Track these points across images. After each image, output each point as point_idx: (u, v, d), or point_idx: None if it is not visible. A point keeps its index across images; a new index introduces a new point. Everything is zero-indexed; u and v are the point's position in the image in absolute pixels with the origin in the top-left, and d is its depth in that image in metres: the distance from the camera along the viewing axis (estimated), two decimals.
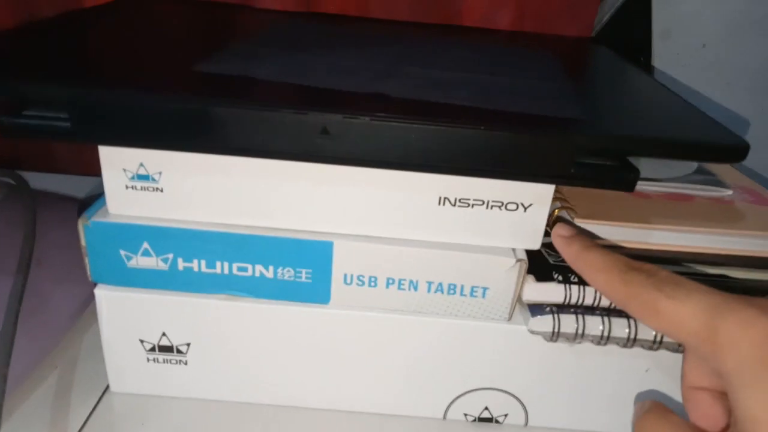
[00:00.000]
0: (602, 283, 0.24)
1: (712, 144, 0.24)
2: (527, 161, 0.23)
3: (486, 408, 0.30)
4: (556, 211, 0.29)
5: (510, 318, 0.28)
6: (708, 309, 0.20)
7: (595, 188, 0.24)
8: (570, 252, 0.26)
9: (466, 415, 0.31)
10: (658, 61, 0.54)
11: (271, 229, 0.27)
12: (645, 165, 0.34)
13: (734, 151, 0.23)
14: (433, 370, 0.29)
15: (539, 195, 0.26)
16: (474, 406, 0.30)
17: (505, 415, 0.30)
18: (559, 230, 0.27)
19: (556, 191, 0.30)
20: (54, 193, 0.49)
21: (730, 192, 0.32)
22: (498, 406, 0.30)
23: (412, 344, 0.29)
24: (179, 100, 0.23)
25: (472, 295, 0.27)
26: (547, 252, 0.28)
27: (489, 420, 0.31)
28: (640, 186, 0.32)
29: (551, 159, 0.23)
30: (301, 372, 0.30)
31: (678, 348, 0.27)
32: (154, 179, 0.26)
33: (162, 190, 0.26)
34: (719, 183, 0.33)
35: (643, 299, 0.22)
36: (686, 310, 0.21)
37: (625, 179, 0.23)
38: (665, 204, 0.30)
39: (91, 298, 0.28)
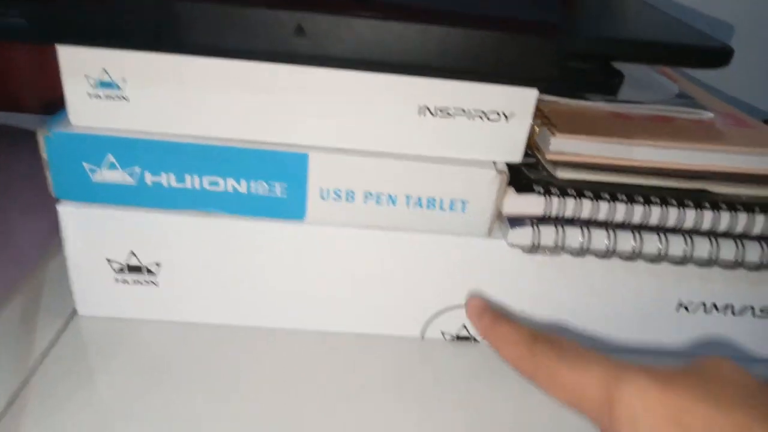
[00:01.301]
0: (512, 355, 0.24)
1: (695, 47, 0.23)
2: (510, 63, 0.22)
3: (464, 326, 0.30)
4: (537, 128, 0.29)
5: (490, 233, 0.28)
6: (605, 379, 0.20)
7: (578, 92, 0.23)
8: (482, 324, 0.26)
9: (443, 333, 0.30)
10: None
11: (244, 141, 0.26)
12: (626, 88, 0.34)
13: (718, 54, 0.23)
14: (411, 287, 0.29)
15: (521, 104, 0.25)
16: (452, 324, 0.30)
17: None
18: (473, 302, 0.28)
19: (537, 109, 0.30)
20: (17, 127, 0.47)
21: (711, 115, 0.32)
22: None
23: (390, 261, 0.28)
24: None
25: (451, 209, 0.27)
26: (526, 170, 0.28)
27: (467, 339, 0.31)
28: (622, 108, 0.31)
29: (535, 61, 0.22)
30: (276, 292, 0.29)
31: (657, 257, 0.27)
32: (118, 86, 0.25)
33: (127, 99, 0.25)
34: (700, 106, 0.33)
35: (548, 371, 0.22)
36: (586, 380, 0.20)
37: (608, 83, 0.23)
38: (647, 124, 0.30)
39: (58, 227, 0.27)
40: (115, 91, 0.25)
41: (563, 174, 0.27)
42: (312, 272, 0.28)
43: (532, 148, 0.29)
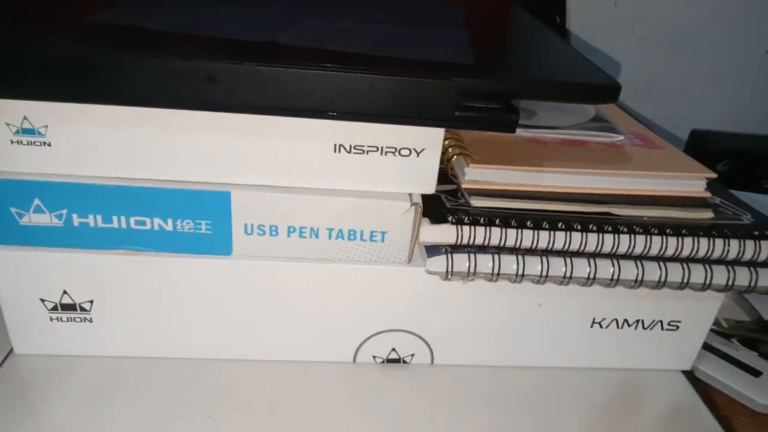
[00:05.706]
0: None
1: (583, 84, 0.25)
2: (412, 106, 0.24)
3: (393, 349, 0.32)
4: (455, 157, 0.31)
5: (410, 261, 0.29)
6: None
7: (479, 130, 0.25)
8: None
9: (374, 357, 0.32)
10: (574, 19, 0.56)
11: (167, 182, 0.27)
12: (545, 114, 0.36)
13: (606, 90, 0.25)
14: (339, 315, 0.30)
15: (430, 140, 0.26)
16: (382, 348, 0.31)
17: (412, 355, 0.32)
18: None
19: (454, 138, 0.32)
20: None
21: (621, 137, 0.34)
22: (404, 346, 0.32)
23: (318, 291, 0.29)
24: (61, 46, 0.23)
25: (371, 240, 0.28)
26: (446, 198, 0.29)
27: (397, 361, 0.32)
28: (537, 133, 0.33)
29: (435, 103, 0.24)
30: (208, 324, 0.30)
31: (563, 281, 0.28)
32: (40, 133, 0.25)
33: (50, 144, 0.26)
34: (612, 129, 0.35)
35: None
36: None
37: (506, 121, 0.24)
38: (559, 149, 0.32)
39: None
40: (37, 137, 0.26)
41: (477, 202, 0.29)
42: (243, 305, 0.29)
43: (453, 176, 0.31)
